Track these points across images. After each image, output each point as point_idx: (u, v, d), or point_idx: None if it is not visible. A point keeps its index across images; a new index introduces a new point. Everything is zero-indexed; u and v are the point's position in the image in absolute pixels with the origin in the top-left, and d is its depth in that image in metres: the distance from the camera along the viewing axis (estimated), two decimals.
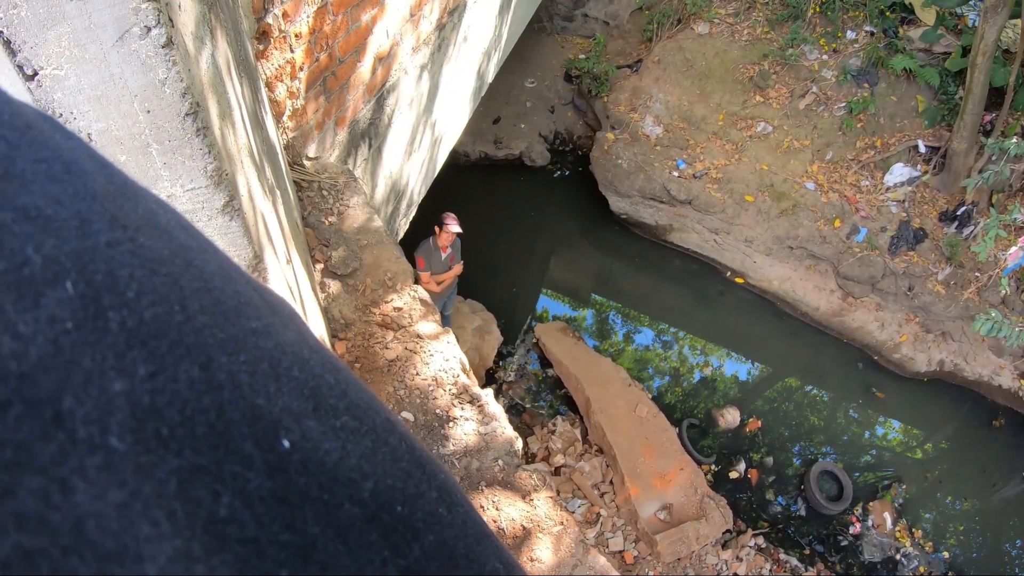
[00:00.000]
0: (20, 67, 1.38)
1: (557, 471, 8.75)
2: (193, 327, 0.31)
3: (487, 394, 3.33)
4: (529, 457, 8.97)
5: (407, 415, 3.09)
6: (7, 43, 1.34)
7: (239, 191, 1.80)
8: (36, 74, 1.39)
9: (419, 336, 3.44)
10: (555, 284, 12.64)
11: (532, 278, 12.45)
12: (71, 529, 0.22)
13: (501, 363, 10.28)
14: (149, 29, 1.33)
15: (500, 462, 3.09)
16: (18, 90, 1.48)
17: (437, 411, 3.14)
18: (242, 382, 0.32)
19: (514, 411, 9.69)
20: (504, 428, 3.19)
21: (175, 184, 1.65)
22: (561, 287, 12.60)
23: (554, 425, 9.37)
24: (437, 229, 7.52)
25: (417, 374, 3.26)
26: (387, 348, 3.35)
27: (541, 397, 10.03)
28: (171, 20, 1.39)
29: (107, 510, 0.24)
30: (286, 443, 0.32)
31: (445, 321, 8.94)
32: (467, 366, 3.48)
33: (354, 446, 0.37)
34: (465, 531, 0.43)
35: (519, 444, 3.24)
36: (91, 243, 0.29)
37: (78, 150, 0.33)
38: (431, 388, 3.22)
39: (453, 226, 7.39)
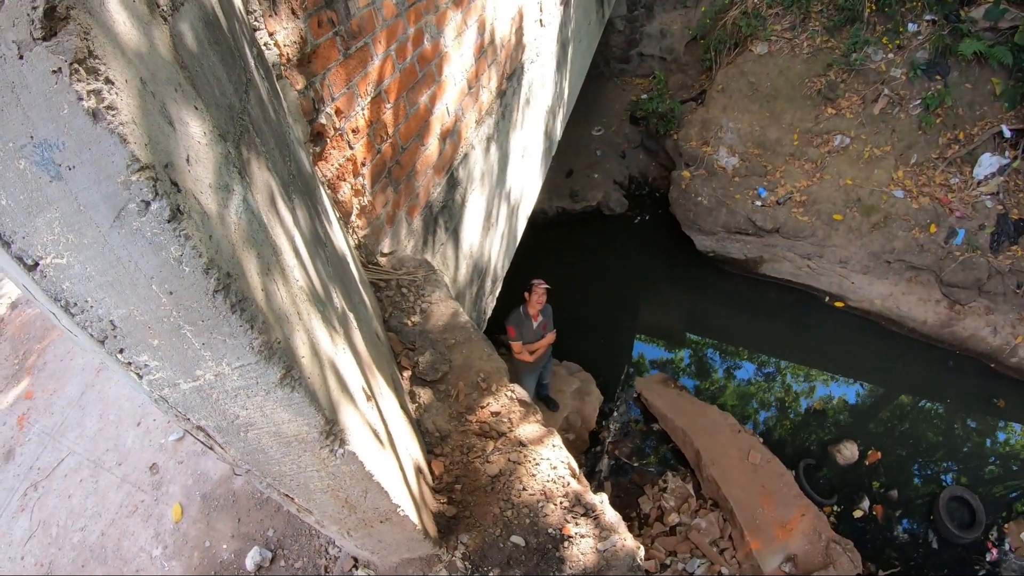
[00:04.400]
0: (19, 258, 1.16)
1: (672, 530, 8.38)
2: None
3: (602, 500, 3.00)
4: (642, 518, 8.58)
5: (517, 540, 2.77)
6: None
7: (297, 357, 1.55)
8: (37, 265, 1.16)
9: (521, 443, 3.13)
10: (649, 331, 12.33)
11: (625, 329, 12.16)
12: None
13: (604, 422, 9.95)
14: (147, 204, 1.09)
15: None
16: (25, 282, 1.26)
17: (549, 530, 2.82)
18: None
19: (622, 472, 9.36)
20: (624, 539, 2.85)
21: (220, 363, 1.41)
22: (655, 333, 12.28)
23: (664, 482, 9.00)
24: (526, 295, 7.37)
25: (524, 489, 2.94)
26: (488, 462, 3.04)
27: (648, 453, 9.65)
28: (175, 184, 1.13)
29: None
30: None
31: (543, 389, 8.73)
32: (576, 469, 3.15)
33: None
34: None
35: (641, 553, 2.89)
36: None
37: None
38: (540, 504, 2.90)
39: (541, 285, 7.27)
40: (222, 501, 3.50)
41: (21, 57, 0.95)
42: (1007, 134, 10.94)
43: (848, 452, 9.44)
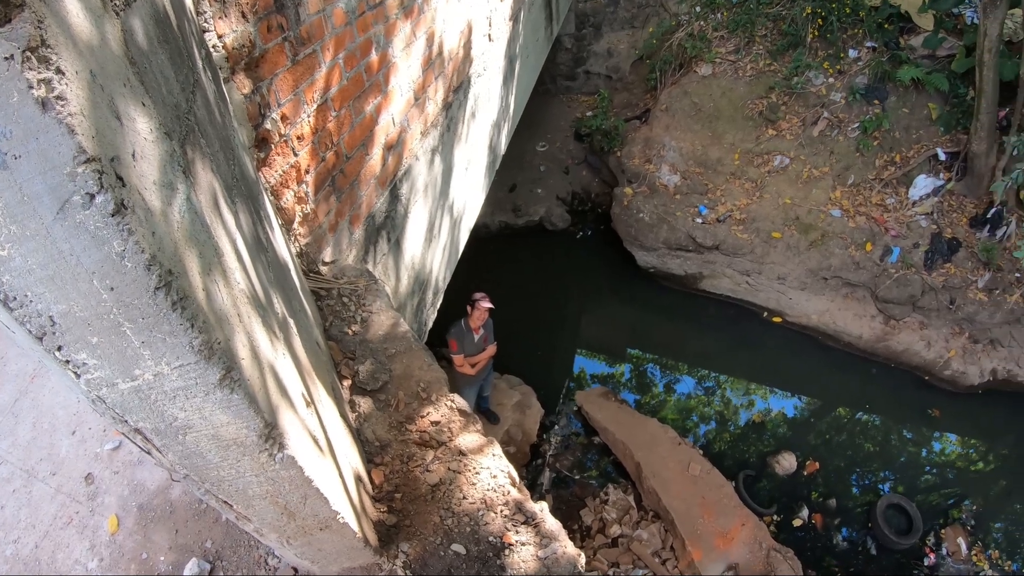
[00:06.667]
0: None
1: (614, 542, 8.42)
2: None
3: (542, 508, 3.01)
4: (584, 530, 8.61)
5: (458, 548, 2.77)
6: None
7: (237, 358, 1.54)
8: None
9: (462, 452, 3.13)
10: (590, 345, 12.38)
11: (566, 343, 12.20)
12: None
13: (545, 435, 9.96)
14: (92, 196, 1.07)
15: None
16: None
17: (490, 538, 2.82)
18: None
19: (563, 485, 9.37)
20: (565, 546, 2.86)
21: (160, 363, 1.39)
22: (596, 348, 12.33)
23: (606, 494, 9.04)
24: (469, 309, 7.37)
25: (464, 498, 2.94)
26: (428, 471, 3.04)
27: (589, 466, 9.69)
28: (120, 179, 1.12)
29: None
30: None
31: (484, 402, 8.70)
32: (516, 478, 3.15)
33: None
34: None
35: (582, 560, 2.91)
36: None
37: None
38: (481, 512, 2.90)
39: (484, 302, 7.22)
40: (159, 512, 3.43)
41: None
42: (942, 157, 11.32)
43: (787, 463, 9.61)
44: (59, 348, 1.32)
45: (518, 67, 8.59)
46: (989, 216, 10.75)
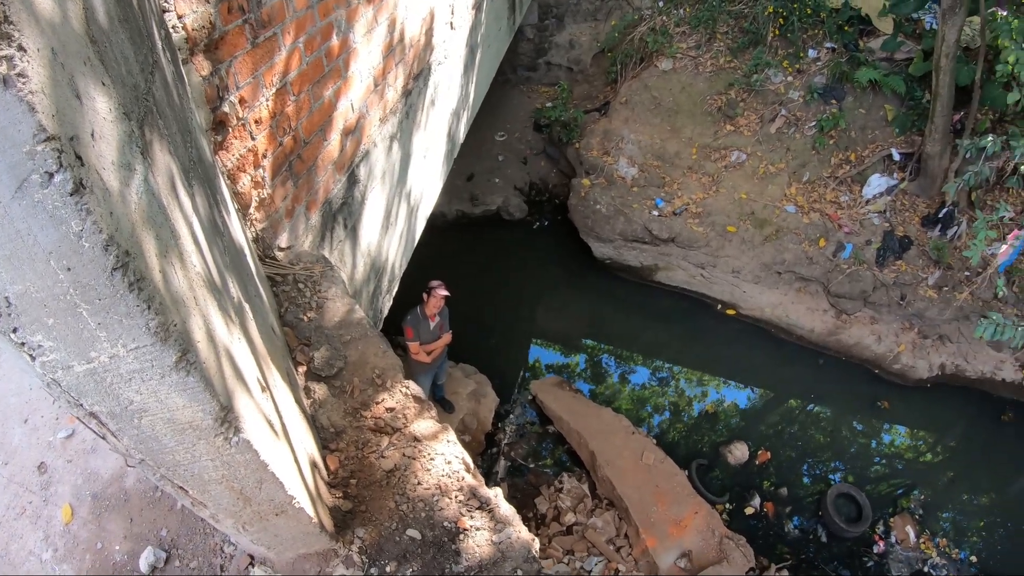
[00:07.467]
0: None
1: (569, 530, 8.47)
2: None
3: (496, 494, 3.04)
4: (539, 518, 8.65)
5: (413, 533, 2.78)
6: None
7: (193, 340, 1.54)
8: None
9: (416, 439, 3.14)
10: (545, 335, 12.41)
11: (522, 333, 12.23)
12: None
13: (500, 424, 9.98)
14: (51, 175, 1.06)
15: (520, 572, 2.78)
16: None
17: (445, 523, 2.84)
18: None
19: (518, 473, 9.40)
20: (519, 531, 2.89)
21: (116, 344, 1.38)
22: (552, 338, 12.37)
23: (560, 483, 9.10)
24: (425, 296, 7.33)
25: (419, 483, 2.96)
26: (383, 457, 3.04)
27: (544, 454, 9.73)
28: (80, 158, 1.11)
29: None
30: None
31: (439, 391, 8.69)
32: (471, 464, 3.17)
33: None
34: None
35: (536, 545, 2.94)
36: None
37: None
38: (436, 498, 2.91)
39: (440, 290, 7.21)
40: (113, 500, 3.38)
41: None
42: (896, 157, 11.56)
43: (739, 452, 9.74)
44: (14, 330, 1.30)
45: (479, 56, 8.58)
46: (941, 216, 11.00)
